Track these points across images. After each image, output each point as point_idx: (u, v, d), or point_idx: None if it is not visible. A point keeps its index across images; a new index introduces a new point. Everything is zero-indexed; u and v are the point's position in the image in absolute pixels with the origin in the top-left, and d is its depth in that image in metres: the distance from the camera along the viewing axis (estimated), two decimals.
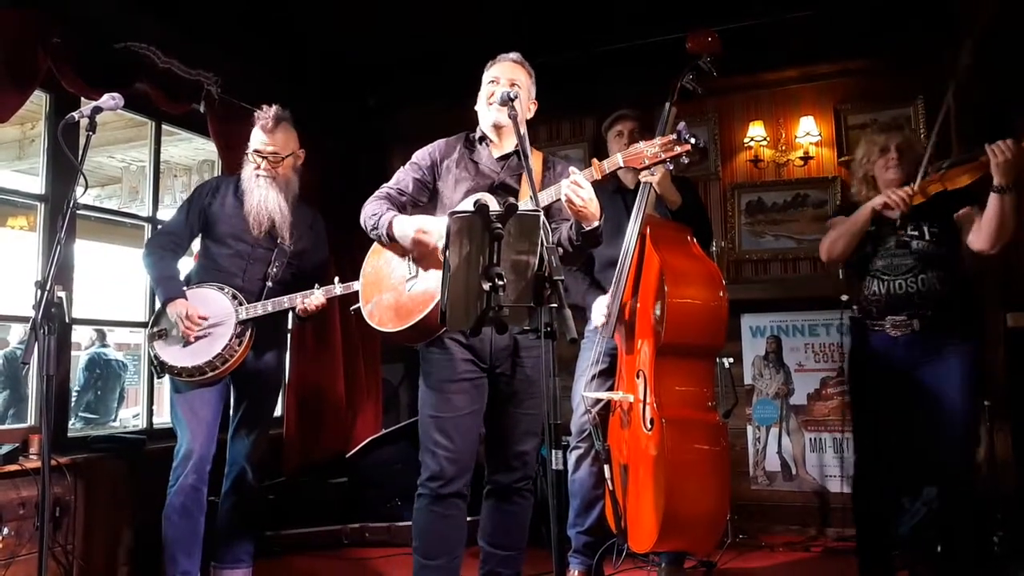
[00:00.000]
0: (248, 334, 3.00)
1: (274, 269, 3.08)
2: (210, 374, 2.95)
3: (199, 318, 2.94)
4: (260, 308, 2.99)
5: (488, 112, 2.45)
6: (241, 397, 3.13)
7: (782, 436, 4.31)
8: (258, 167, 3.04)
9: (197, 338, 2.96)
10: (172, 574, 2.94)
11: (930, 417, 2.76)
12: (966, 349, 2.76)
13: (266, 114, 3.06)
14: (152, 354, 3.03)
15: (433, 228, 2.29)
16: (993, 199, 2.65)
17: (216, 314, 2.98)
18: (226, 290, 3.02)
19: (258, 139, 3.06)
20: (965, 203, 2.79)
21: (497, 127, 2.45)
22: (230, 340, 2.95)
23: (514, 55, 2.51)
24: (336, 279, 3.04)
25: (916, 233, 2.82)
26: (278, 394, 3.33)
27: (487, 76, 2.50)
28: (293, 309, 3.03)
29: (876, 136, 2.93)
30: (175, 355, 2.97)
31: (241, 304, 2.99)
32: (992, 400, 3.71)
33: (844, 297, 2.95)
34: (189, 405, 2.99)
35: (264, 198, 3.02)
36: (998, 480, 3.67)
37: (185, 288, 3.04)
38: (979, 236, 2.73)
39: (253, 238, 3.05)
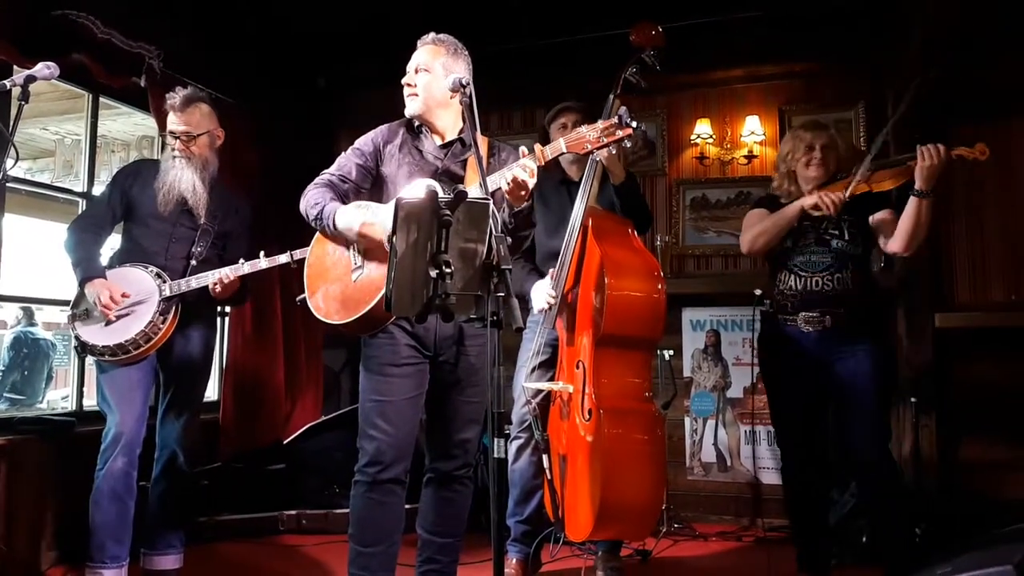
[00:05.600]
0: (173, 311, 2.97)
1: (198, 248, 3.06)
2: (133, 352, 2.90)
3: (121, 296, 2.89)
4: (184, 284, 2.96)
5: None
6: (170, 380, 3.08)
7: (718, 428, 4.40)
8: (174, 148, 3.04)
9: (119, 317, 2.90)
10: (100, 560, 2.87)
11: (842, 412, 2.84)
12: (875, 348, 2.81)
13: (175, 95, 3.05)
14: (74, 334, 2.98)
15: (377, 220, 2.26)
16: (912, 202, 2.68)
17: (139, 292, 2.93)
18: (150, 269, 2.98)
19: (170, 120, 3.06)
20: (882, 206, 2.85)
21: (415, 117, 2.44)
22: (153, 318, 2.91)
23: (430, 36, 2.45)
24: (262, 253, 3.00)
25: (836, 232, 2.85)
26: (208, 377, 3.26)
27: None
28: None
29: (803, 133, 2.95)
30: (96, 334, 2.91)
31: (165, 282, 2.96)
32: (918, 397, 3.86)
33: (758, 291, 2.99)
34: (116, 387, 2.93)
35: (178, 178, 3.01)
36: (922, 475, 3.82)
37: (107, 269, 3.00)
38: (896, 239, 2.78)
39: (174, 217, 3.02)
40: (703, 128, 4.56)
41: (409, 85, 2.41)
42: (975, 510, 3.66)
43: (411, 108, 2.42)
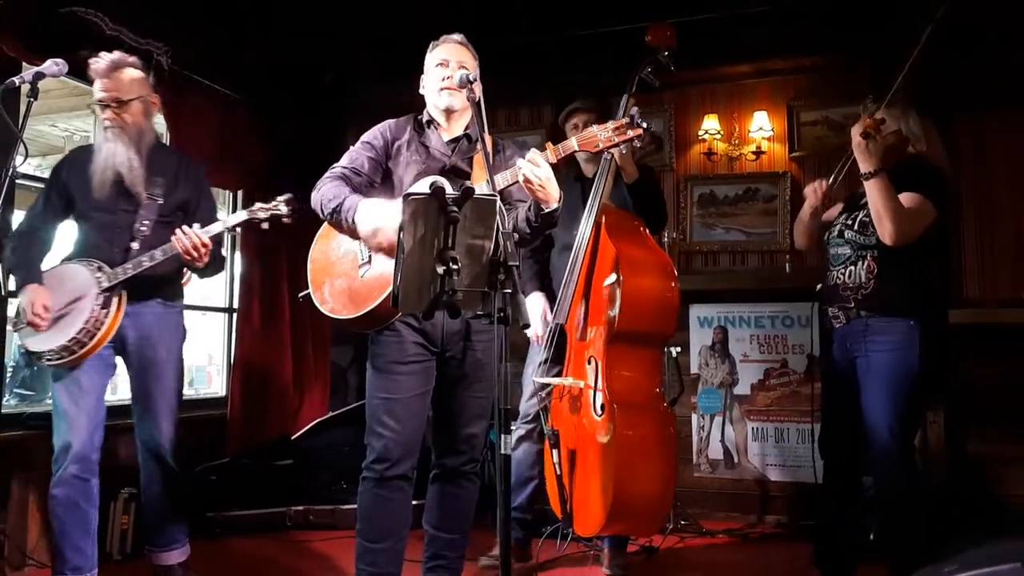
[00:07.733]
0: (116, 301, 2.72)
1: (142, 226, 2.78)
2: (79, 352, 2.68)
3: (43, 307, 2.65)
4: (121, 272, 2.72)
5: (440, 97, 2.40)
6: (133, 375, 2.89)
7: (725, 425, 4.39)
8: (105, 120, 2.77)
9: (56, 319, 2.69)
10: (60, 570, 2.68)
11: (861, 409, 2.70)
12: (893, 342, 2.61)
13: (99, 59, 2.77)
14: (18, 344, 2.83)
15: (393, 225, 2.13)
16: (864, 186, 2.58)
17: (73, 289, 2.72)
18: (90, 263, 2.75)
19: (95, 88, 2.77)
20: (905, 190, 2.60)
21: (449, 112, 2.42)
22: (93, 312, 2.68)
23: (458, 36, 2.45)
24: (219, 214, 2.81)
25: (849, 222, 2.74)
26: (175, 364, 2.96)
27: (432, 59, 2.44)
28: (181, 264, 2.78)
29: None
30: (40, 341, 2.70)
31: (102, 271, 2.73)
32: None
33: (819, 286, 2.89)
34: (69, 394, 2.72)
35: (112, 153, 2.74)
36: (930, 471, 3.81)
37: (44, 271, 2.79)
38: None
39: (112, 203, 2.78)
40: (711, 124, 4.55)
41: (452, 78, 2.37)
42: (983, 506, 3.65)
43: (453, 102, 2.38)
